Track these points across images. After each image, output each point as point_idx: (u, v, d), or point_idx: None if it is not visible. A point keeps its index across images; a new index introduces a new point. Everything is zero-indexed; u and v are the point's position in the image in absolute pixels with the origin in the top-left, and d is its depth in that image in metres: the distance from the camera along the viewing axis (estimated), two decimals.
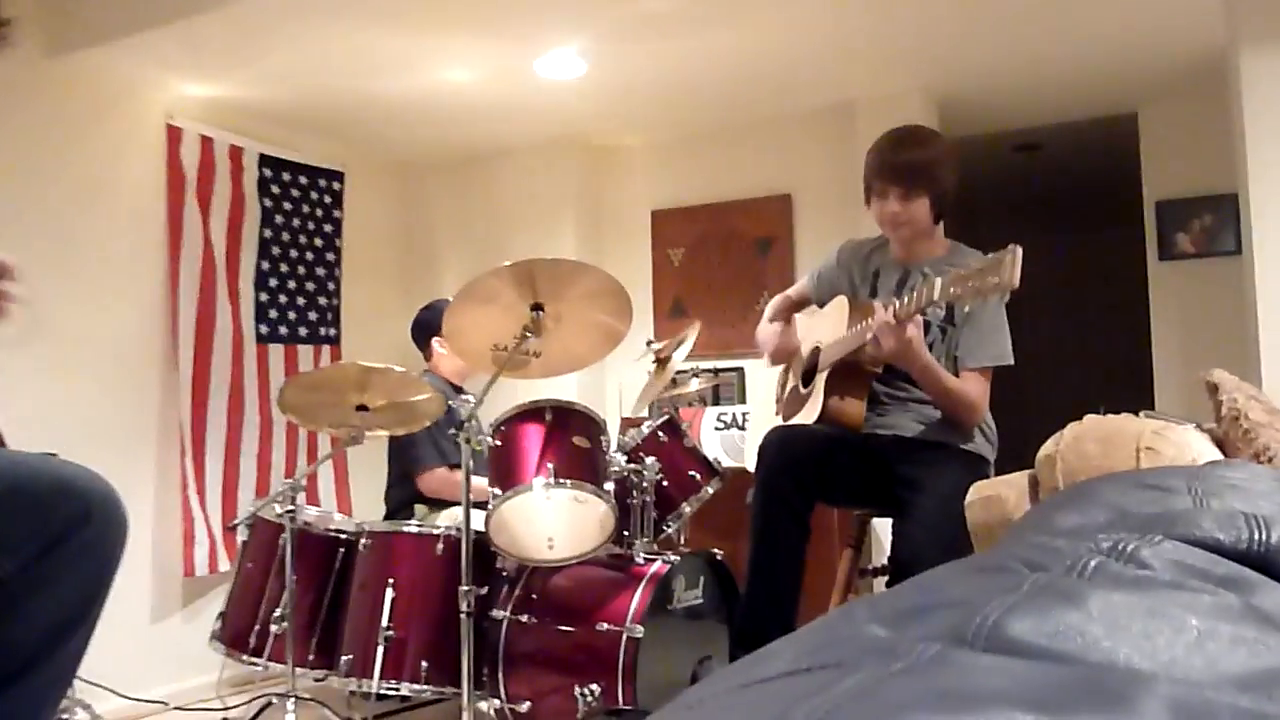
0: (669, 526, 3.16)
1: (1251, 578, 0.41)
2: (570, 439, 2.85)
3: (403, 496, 3.72)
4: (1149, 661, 0.33)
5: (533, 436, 2.85)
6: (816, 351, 2.92)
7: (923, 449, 2.68)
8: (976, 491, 2.11)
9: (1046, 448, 1.93)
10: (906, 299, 2.43)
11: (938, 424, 2.70)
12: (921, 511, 2.50)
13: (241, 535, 3.26)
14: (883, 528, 3.47)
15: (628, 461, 3.02)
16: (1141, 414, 1.92)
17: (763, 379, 3.25)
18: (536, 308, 2.77)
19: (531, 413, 2.89)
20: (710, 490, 3.19)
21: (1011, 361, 2.70)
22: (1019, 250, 2.13)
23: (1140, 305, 4.85)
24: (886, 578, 2.85)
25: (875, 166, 2.73)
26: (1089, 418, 1.92)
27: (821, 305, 3.03)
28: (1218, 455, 1.82)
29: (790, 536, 2.66)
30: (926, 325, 2.72)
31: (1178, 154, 4.67)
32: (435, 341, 3.88)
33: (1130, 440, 1.80)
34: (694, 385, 3.77)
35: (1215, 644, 0.35)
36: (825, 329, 2.89)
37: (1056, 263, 6.74)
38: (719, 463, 3.22)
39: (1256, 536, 0.44)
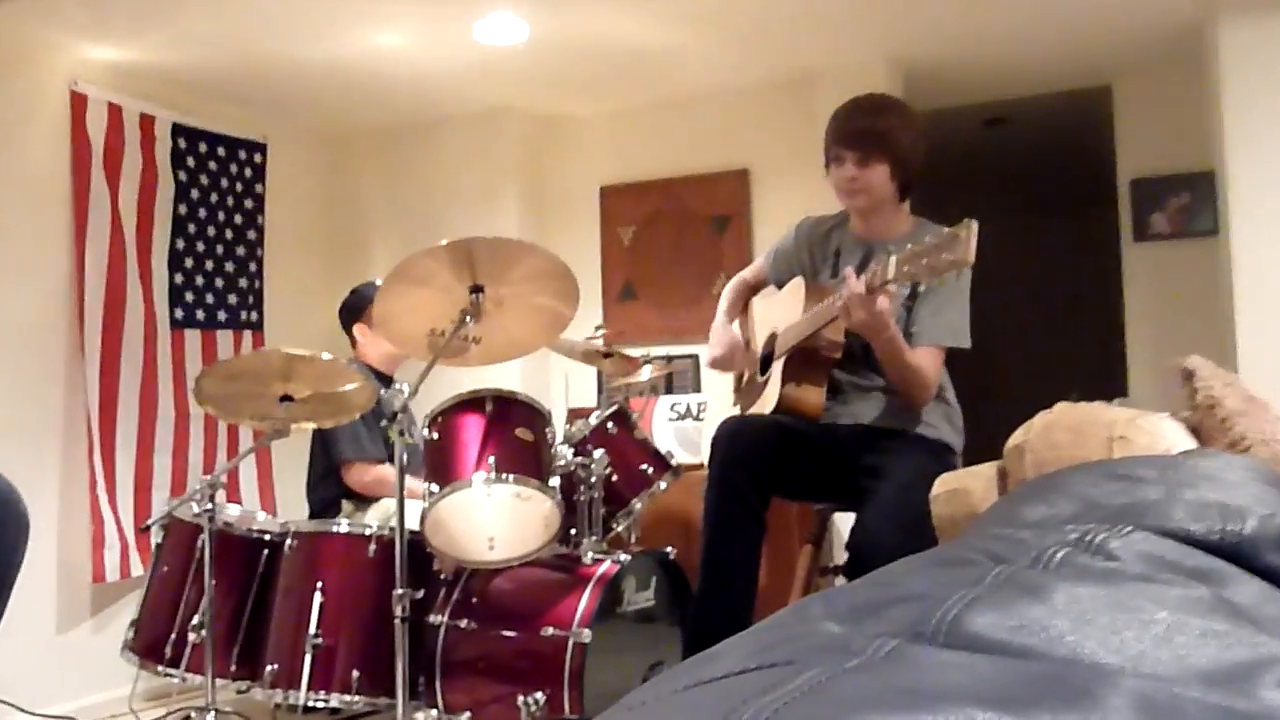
0: (619, 524, 3.17)
1: (1224, 569, 0.41)
2: (512, 431, 2.86)
3: (327, 494, 3.69)
4: (1115, 656, 0.34)
5: (472, 429, 2.85)
6: (773, 338, 2.94)
7: (885, 437, 2.73)
8: (942, 485, 2.11)
9: (1015, 437, 1.91)
10: (873, 274, 2.47)
11: (900, 410, 2.75)
12: (881, 499, 2.55)
13: (156, 537, 3.24)
14: (844, 523, 3.47)
15: (574, 455, 3.03)
16: (1115, 402, 1.96)
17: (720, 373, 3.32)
18: (476, 290, 2.76)
19: (470, 403, 2.88)
20: (663, 485, 3.21)
21: (968, 344, 2.75)
22: (974, 225, 2.19)
23: (1114, 288, 4.93)
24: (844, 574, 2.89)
25: (833, 131, 2.78)
26: (1060, 406, 1.93)
27: (780, 286, 3.05)
28: (1193, 445, 1.86)
29: (746, 534, 2.68)
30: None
31: (1154, 129, 4.74)
32: (356, 329, 3.85)
33: (1102, 429, 1.82)
34: (645, 373, 3.77)
35: (1184, 637, 0.35)
36: (782, 313, 2.91)
37: (1027, 244, 6.84)
38: (672, 456, 3.24)
39: (1229, 527, 0.44)
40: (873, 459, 2.67)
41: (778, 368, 2.81)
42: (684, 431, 4.32)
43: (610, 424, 3.18)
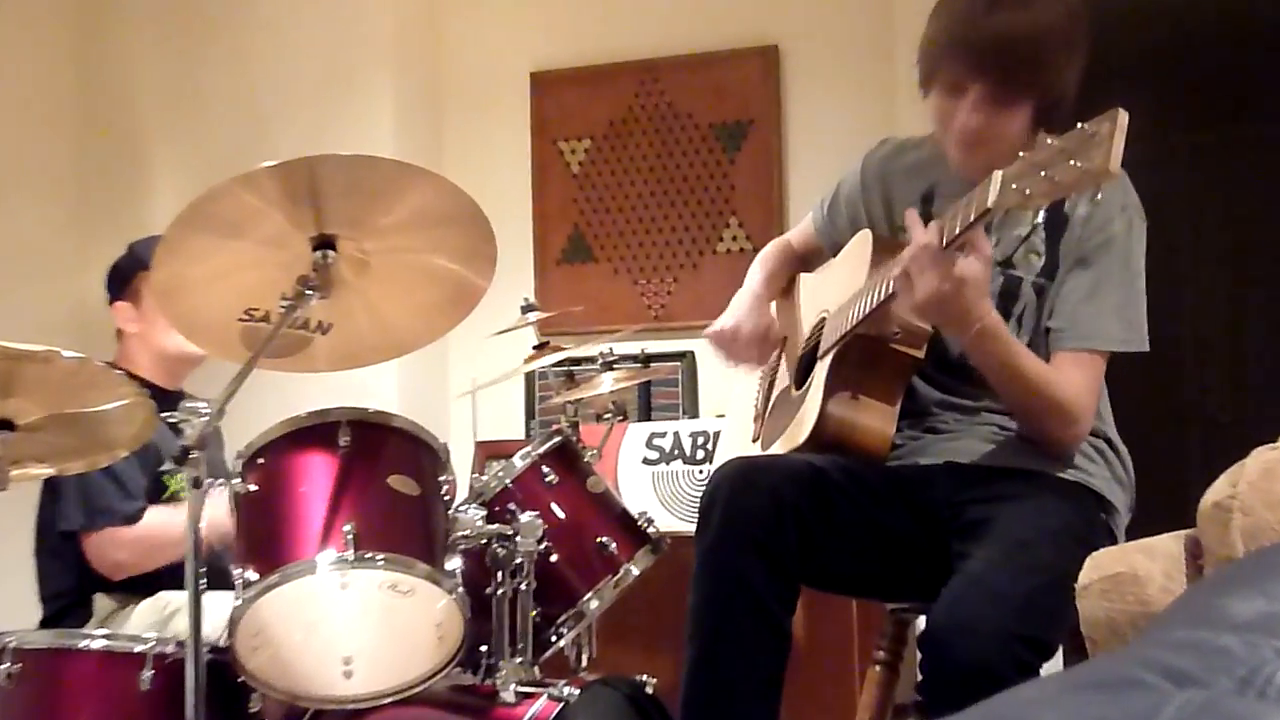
0: (561, 636, 3.18)
1: None
2: (384, 480, 2.89)
3: (65, 584, 3.67)
4: None
5: (316, 476, 2.88)
6: (820, 327, 2.98)
7: (993, 480, 2.76)
8: (1096, 567, 2.17)
9: (1217, 491, 1.99)
10: (954, 216, 2.48)
11: (1028, 447, 2.78)
12: (979, 565, 2.57)
13: None
14: None
15: (488, 521, 3.04)
16: None
17: (729, 371, 3.38)
18: (323, 244, 2.79)
19: (314, 434, 2.91)
20: (635, 571, 3.22)
21: (1144, 345, 2.78)
22: (1123, 116, 2.18)
23: None
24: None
25: (945, 36, 2.78)
26: None
27: (836, 250, 3.10)
28: None
29: (756, 655, 2.72)
30: (1011, 283, 2.80)
31: None
32: (118, 311, 3.84)
33: None
34: (606, 384, 3.81)
35: None
36: (835, 288, 2.95)
37: (1223, 180, 6.83)
38: (650, 522, 3.29)
39: None
40: (974, 512, 2.71)
41: (821, 371, 2.85)
42: (670, 481, 4.36)
43: (548, 469, 3.22)
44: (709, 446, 4.33)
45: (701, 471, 4.32)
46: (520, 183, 5.17)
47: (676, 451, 4.39)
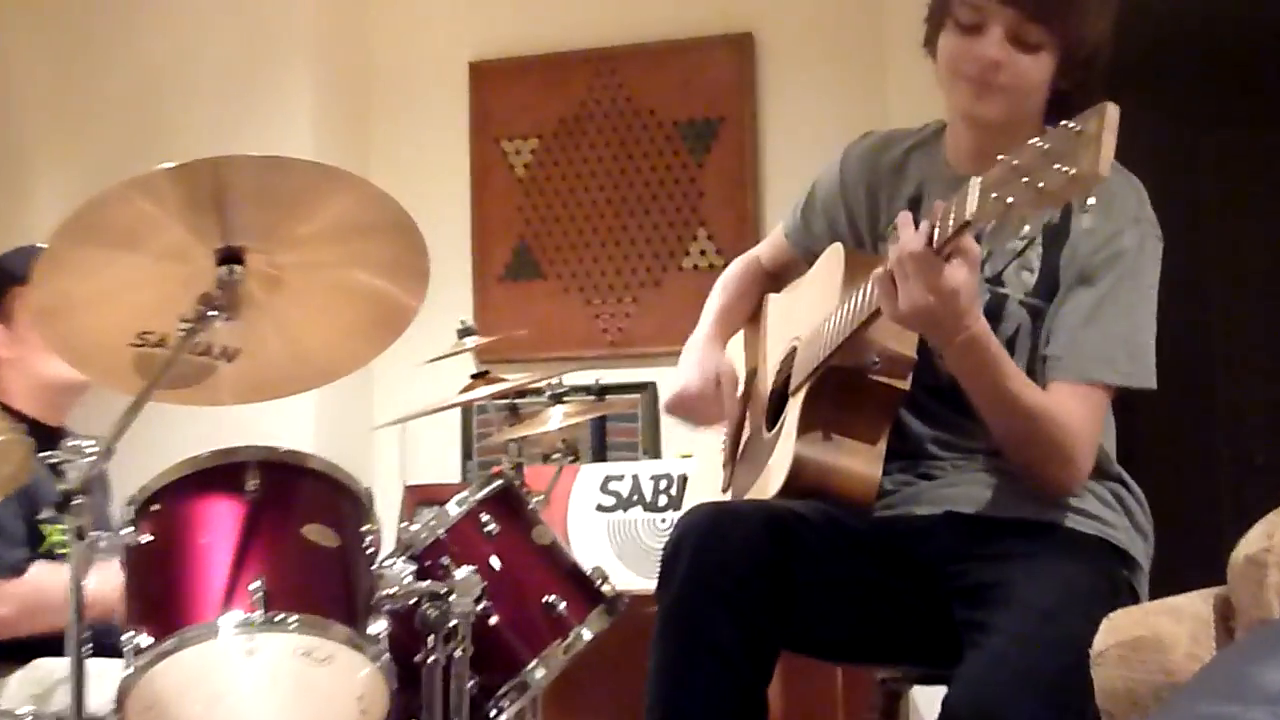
0: (502, 710, 3.15)
1: None
2: (297, 530, 2.87)
3: None
4: None
5: (218, 525, 2.85)
6: (791, 358, 2.94)
7: (1004, 533, 2.70)
8: (1113, 631, 2.14)
9: (1252, 543, 1.98)
10: (938, 220, 2.43)
11: (1031, 491, 2.73)
12: (999, 640, 2.50)
13: None
14: (930, 701, 3.47)
15: (419, 577, 3.01)
16: None
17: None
18: (230, 258, 2.77)
19: (217, 477, 2.89)
20: (587, 634, 3.21)
21: (1151, 381, 2.74)
22: (1112, 110, 2.13)
23: None
24: None
25: None
26: None
27: (811, 262, 3.05)
28: None
29: None
30: (996, 301, 2.75)
31: None
32: None
33: None
34: (554, 419, 3.79)
35: None
36: (806, 311, 2.91)
37: (1260, 187, 6.80)
38: (604, 577, 3.32)
39: None
40: (982, 572, 2.64)
41: (793, 411, 2.80)
42: (628, 531, 4.36)
43: (487, 517, 3.22)
44: (673, 491, 4.31)
45: (664, 520, 4.28)
46: (458, 188, 5.15)
47: (635, 497, 4.37)
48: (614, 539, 4.34)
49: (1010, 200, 2.23)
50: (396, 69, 5.26)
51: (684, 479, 4.15)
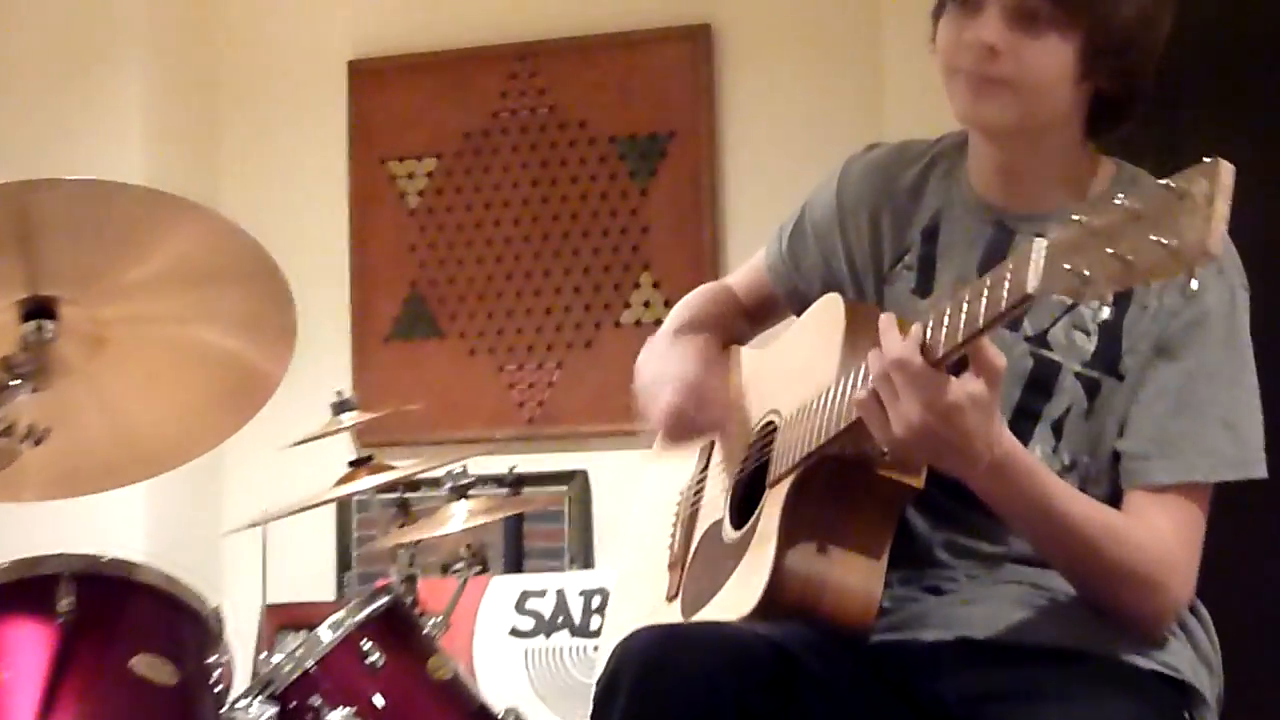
0: None
1: None
2: (124, 663, 2.83)
3: None
4: None
5: (21, 655, 2.83)
6: (768, 436, 2.81)
7: (1031, 666, 2.59)
8: None
9: None
10: (953, 308, 2.30)
11: (1081, 616, 2.62)
12: None
13: None
14: None
15: None
16: None
17: (634, 496, 3.36)
18: (38, 312, 2.72)
19: (19, 594, 2.88)
20: None
21: (1263, 468, 2.63)
22: (1227, 172, 2.00)
23: None
24: None
25: None
26: None
27: (800, 309, 2.95)
28: None
29: None
30: (1045, 371, 2.66)
31: None
32: None
33: None
34: (457, 519, 3.66)
35: None
36: (789, 377, 2.82)
37: None
38: (519, 717, 3.35)
39: None
40: (1003, 716, 2.55)
41: (774, 508, 2.66)
42: (551, 661, 4.28)
43: (370, 645, 3.16)
44: (603, 617, 4.21)
45: (597, 648, 4.18)
46: (333, 221, 5.07)
47: (561, 619, 4.28)
48: (533, 671, 4.28)
49: (1087, 273, 2.09)
50: (255, 69, 5.19)
51: (600, 595, 4.23)
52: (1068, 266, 2.07)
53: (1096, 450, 2.64)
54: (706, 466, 3.09)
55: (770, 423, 2.81)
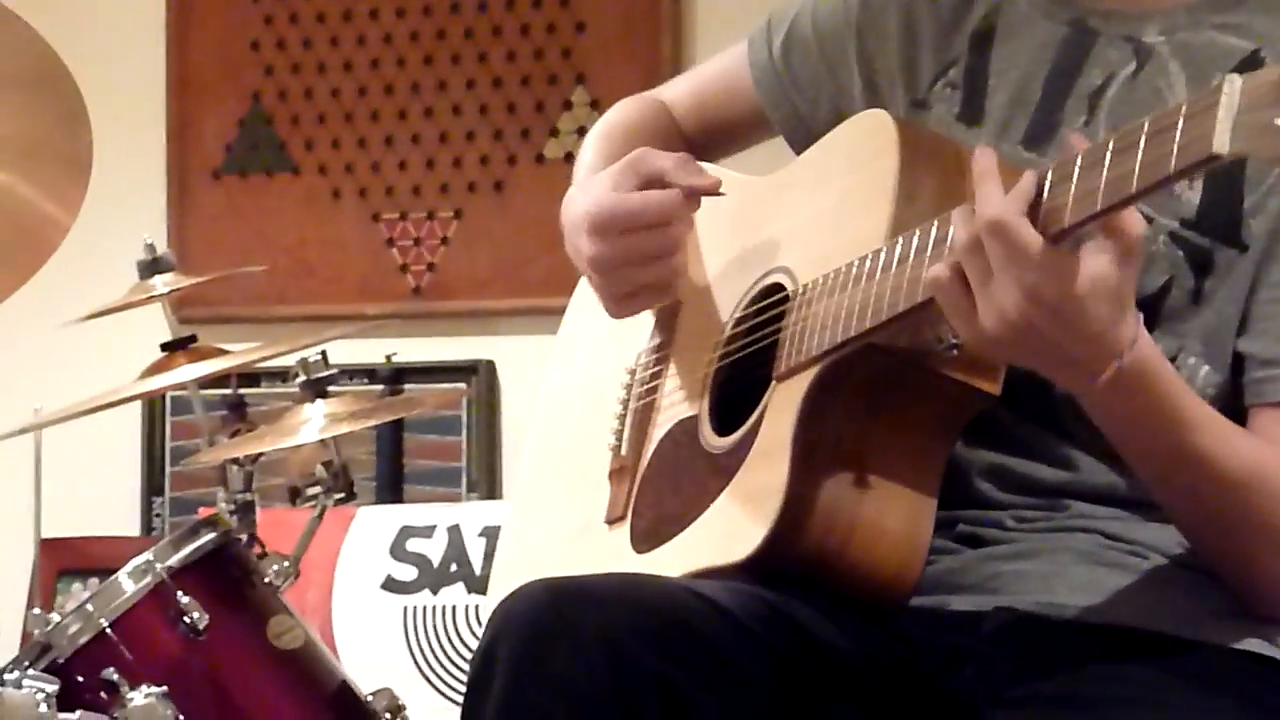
0: None
1: None
2: None
3: None
4: None
5: None
6: (774, 302, 2.83)
7: (1103, 653, 2.62)
8: None
9: None
10: (1091, 157, 2.26)
11: (1163, 575, 2.66)
12: None
13: None
14: None
15: (64, 703, 3.07)
16: None
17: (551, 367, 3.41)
18: None
19: None
20: None
21: None
22: None
23: None
24: None
25: None
26: None
27: (800, 143, 2.98)
28: None
29: None
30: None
31: None
32: None
33: None
34: (311, 426, 3.71)
35: None
36: (804, 225, 2.85)
37: None
38: (397, 708, 3.40)
39: None
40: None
41: (785, 408, 2.67)
42: (438, 624, 4.34)
43: (189, 601, 3.18)
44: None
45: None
46: (144, 8, 5.05)
47: (454, 567, 4.33)
48: (417, 640, 4.31)
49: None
50: None
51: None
52: (1278, 120, 2.15)
53: (1207, 349, 2.63)
54: (669, 340, 3.07)
55: (776, 286, 2.80)
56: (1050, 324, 2.30)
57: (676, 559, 2.75)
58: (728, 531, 2.67)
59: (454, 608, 4.31)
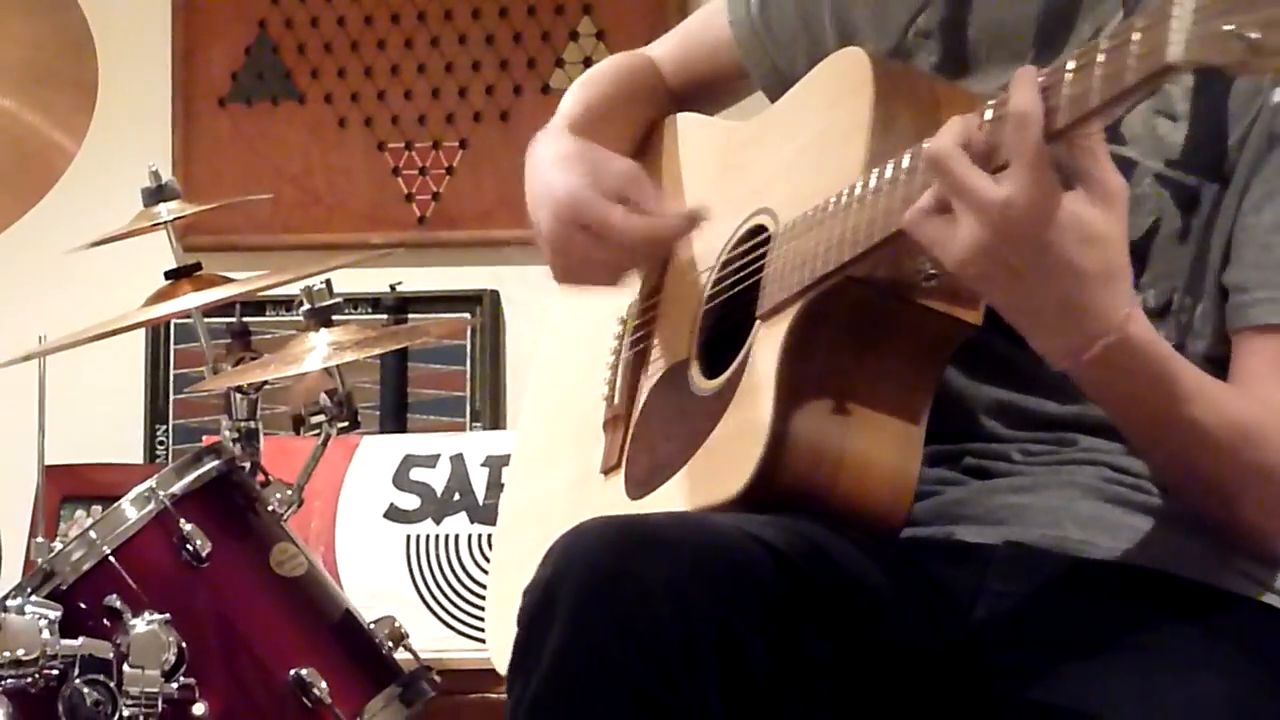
0: None
1: None
2: None
3: None
4: None
5: None
6: (757, 244, 2.84)
7: (1115, 593, 2.62)
8: None
9: None
10: (1051, 76, 2.26)
11: (1166, 512, 2.64)
12: None
13: None
14: None
15: (66, 629, 3.08)
16: None
17: (548, 319, 3.42)
18: None
19: None
20: None
21: None
22: None
23: None
24: None
25: None
26: None
27: (776, 89, 2.97)
28: None
29: None
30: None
31: None
32: None
33: None
34: (315, 354, 3.72)
35: None
36: (785, 166, 2.85)
37: None
38: (401, 635, 3.40)
39: None
40: (1065, 676, 2.54)
41: (769, 346, 2.68)
42: (444, 554, 4.34)
43: (192, 528, 3.20)
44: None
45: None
46: None
47: (458, 496, 4.32)
48: (419, 569, 4.30)
49: (1256, 36, 2.04)
50: None
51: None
52: (1228, 26, 2.06)
53: (1198, 286, 2.62)
54: (658, 287, 3.07)
55: (759, 228, 2.80)
56: (1014, 255, 2.28)
57: (669, 503, 2.74)
58: (717, 469, 2.69)
59: (456, 536, 4.32)
